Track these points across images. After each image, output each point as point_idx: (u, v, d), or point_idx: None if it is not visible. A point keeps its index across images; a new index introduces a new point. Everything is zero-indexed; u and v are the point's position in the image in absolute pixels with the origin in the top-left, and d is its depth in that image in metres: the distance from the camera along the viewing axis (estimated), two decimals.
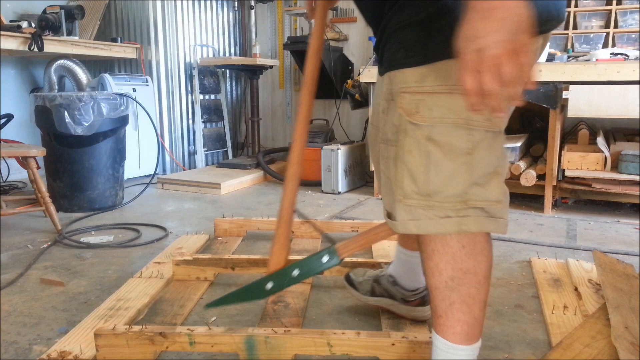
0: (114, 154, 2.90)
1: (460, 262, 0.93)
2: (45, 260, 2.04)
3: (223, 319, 1.52)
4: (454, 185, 0.88)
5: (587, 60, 2.62)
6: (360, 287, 1.51)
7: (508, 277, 1.85)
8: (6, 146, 2.51)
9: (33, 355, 1.32)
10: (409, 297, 1.42)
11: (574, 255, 2.02)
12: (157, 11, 3.78)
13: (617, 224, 2.57)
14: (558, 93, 2.58)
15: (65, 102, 2.67)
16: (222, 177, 3.49)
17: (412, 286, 1.42)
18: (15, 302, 1.64)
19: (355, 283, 1.52)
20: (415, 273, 1.39)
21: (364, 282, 1.51)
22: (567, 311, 1.51)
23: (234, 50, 4.53)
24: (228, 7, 4.43)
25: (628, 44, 2.99)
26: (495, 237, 2.32)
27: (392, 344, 1.18)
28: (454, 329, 0.97)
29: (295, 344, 1.20)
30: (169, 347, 1.22)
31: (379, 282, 1.48)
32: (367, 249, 2.14)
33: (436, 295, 0.97)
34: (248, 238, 2.32)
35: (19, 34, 3.08)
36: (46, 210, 2.40)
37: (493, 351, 1.33)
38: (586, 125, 3.04)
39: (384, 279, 1.47)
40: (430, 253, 0.95)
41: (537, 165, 2.83)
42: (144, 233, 2.40)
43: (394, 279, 1.44)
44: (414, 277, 1.40)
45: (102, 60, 3.98)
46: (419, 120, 0.87)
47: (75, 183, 2.79)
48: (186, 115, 4.07)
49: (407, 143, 0.89)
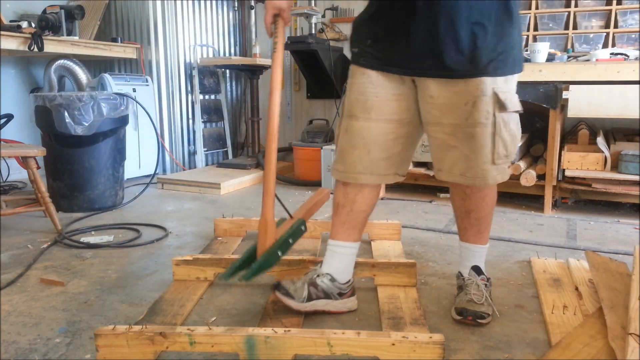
0: (114, 154, 2.90)
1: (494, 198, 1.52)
2: (45, 260, 2.04)
3: (223, 319, 1.53)
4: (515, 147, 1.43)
5: (587, 60, 2.62)
6: (296, 294, 1.48)
7: (508, 277, 1.85)
8: (6, 146, 2.51)
9: (33, 356, 1.32)
10: (345, 289, 1.53)
11: (574, 255, 2.02)
12: (157, 11, 3.78)
13: (617, 224, 2.57)
14: (558, 93, 2.58)
15: (65, 102, 2.67)
16: (222, 177, 3.49)
17: (346, 279, 1.54)
18: (15, 302, 1.64)
19: (290, 292, 1.48)
20: (349, 264, 1.56)
21: (299, 289, 1.49)
22: (566, 311, 1.51)
23: (234, 50, 4.53)
24: (228, 7, 4.43)
25: (628, 44, 2.99)
26: (496, 237, 2.32)
27: (392, 344, 1.18)
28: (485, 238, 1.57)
29: (295, 344, 1.20)
30: (169, 347, 1.22)
31: (315, 284, 1.49)
32: (368, 250, 2.15)
33: (484, 220, 1.53)
34: (248, 238, 2.32)
35: (19, 34, 3.08)
36: (46, 210, 2.40)
37: (493, 351, 1.33)
38: (586, 125, 3.04)
39: (320, 280, 1.50)
40: (486, 193, 1.48)
41: (537, 165, 2.83)
42: (144, 233, 2.40)
43: (331, 276, 1.52)
44: (348, 269, 1.56)
45: (102, 60, 3.98)
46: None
47: (75, 183, 2.79)
48: (186, 115, 4.07)
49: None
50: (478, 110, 1.35)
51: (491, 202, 1.51)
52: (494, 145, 1.37)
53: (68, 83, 3.70)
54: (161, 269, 1.93)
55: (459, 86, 1.35)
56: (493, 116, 1.35)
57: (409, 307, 1.55)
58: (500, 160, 1.39)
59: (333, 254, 1.54)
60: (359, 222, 1.54)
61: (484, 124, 1.36)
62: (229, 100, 4.51)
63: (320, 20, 3.93)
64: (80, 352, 1.33)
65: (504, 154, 1.39)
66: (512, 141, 1.41)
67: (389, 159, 1.47)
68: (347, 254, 1.54)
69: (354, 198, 1.50)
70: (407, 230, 2.43)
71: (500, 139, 1.37)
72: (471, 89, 1.35)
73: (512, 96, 1.39)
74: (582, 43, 3.09)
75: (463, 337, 1.40)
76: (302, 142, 3.69)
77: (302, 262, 1.74)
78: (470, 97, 1.35)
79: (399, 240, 2.24)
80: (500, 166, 1.40)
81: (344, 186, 1.51)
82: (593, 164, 2.61)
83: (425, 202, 3.06)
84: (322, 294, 1.49)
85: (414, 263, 1.72)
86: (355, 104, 1.45)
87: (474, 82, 1.34)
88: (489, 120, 1.35)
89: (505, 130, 1.38)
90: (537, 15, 3.22)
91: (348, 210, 1.51)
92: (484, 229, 1.55)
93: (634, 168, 2.52)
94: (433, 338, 1.18)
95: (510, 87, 1.39)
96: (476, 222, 1.53)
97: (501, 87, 1.36)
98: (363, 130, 1.43)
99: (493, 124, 1.36)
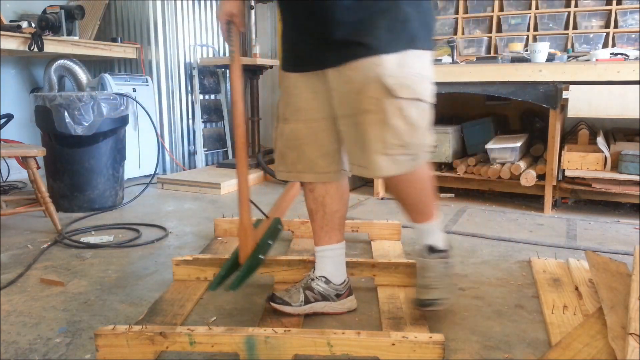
0: (114, 154, 2.90)
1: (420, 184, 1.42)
2: (45, 260, 2.04)
3: (223, 319, 1.53)
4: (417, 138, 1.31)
5: (587, 60, 2.62)
6: (292, 300, 1.48)
7: (508, 277, 1.85)
8: (6, 146, 2.51)
9: (33, 356, 1.32)
10: (341, 290, 1.53)
11: (574, 255, 2.02)
12: (157, 11, 3.78)
13: (617, 224, 2.57)
14: (558, 93, 2.58)
15: (65, 102, 2.67)
16: (222, 177, 3.49)
17: (341, 279, 1.54)
18: (15, 302, 1.64)
19: (286, 299, 1.48)
20: (341, 265, 1.56)
21: (295, 295, 1.49)
22: (566, 311, 1.51)
23: None
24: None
25: (628, 44, 2.99)
26: (496, 237, 2.32)
27: (392, 344, 1.18)
28: (429, 214, 1.49)
29: (295, 344, 1.20)
30: (169, 347, 1.22)
31: (310, 288, 1.50)
32: (368, 250, 2.15)
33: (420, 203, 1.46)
34: None
35: (19, 34, 3.08)
36: (46, 210, 2.40)
37: (493, 351, 1.33)
38: (586, 125, 3.04)
39: (315, 283, 1.51)
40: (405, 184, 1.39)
41: (537, 165, 2.83)
42: (144, 233, 2.40)
43: (326, 278, 1.52)
44: (340, 270, 1.55)
45: (102, 60, 3.98)
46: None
47: (75, 183, 2.79)
48: (186, 115, 4.07)
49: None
50: (365, 96, 1.26)
51: (418, 188, 1.42)
52: (383, 134, 1.27)
53: (68, 83, 3.70)
54: (161, 269, 1.93)
55: (348, 73, 1.28)
56: (382, 102, 1.25)
57: (409, 307, 1.55)
58: (393, 151, 1.28)
59: (321, 259, 1.54)
60: (336, 223, 1.54)
61: (371, 111, 1.26)
62: (229, 100, 4.50)
63: None
64: (80, 352, 1.33)
65: (398, 143, 1.28)
66: (410, 130, 1.28)
67: (326, 157, 1.46)
68: (334, 256, 1.54)
69: (323, 201, 1.51)
70: (407, 230, 2.42)
71: (390, 128, 1.26)
72: (358, 75, 1.26)
73: (408, 81, 1.26)
74: (582, 43, 3.09)
75: (463, 337, 1.40)
76: None
77: (303, 262, 1.74)
78: (357, 83, 1.27)
79: (399, 240, 2.24)
80: (395, 157, 1.29)
81: (311, 192, 1.52)
82: (593, 164, 2.61)
83: None
84: (319, 296, 1.49)
85: (414, 263, 1.72)
86: (285, 108, 1.48)
87: (360, 66, 1.25)
88: (378, 107, 1.25)
89: (399, 118, 1.26)
90: (537, 15, 3.22)
91: (321, 214, 1.52)
92: (423, 209, 1.47)
93: (634, 168, 2.52)
94: (433, 338, 1.17)
95: (406, 71, 1.26)
96: (412, 207, 1.48)
97: (391, 70, 1.24)
98: (295, 132, 1.45)
99: (383, 111, 1.25)
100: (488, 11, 3.36)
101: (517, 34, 3.27)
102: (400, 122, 1.26)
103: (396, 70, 1.25)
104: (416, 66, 1.28)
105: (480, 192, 3.17)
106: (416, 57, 1.28)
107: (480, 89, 2.79)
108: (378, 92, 1.25)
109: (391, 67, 1.24)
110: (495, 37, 3.34)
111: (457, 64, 2.88)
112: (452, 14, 3.46)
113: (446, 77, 2.82)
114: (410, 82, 1.26)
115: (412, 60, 1.27)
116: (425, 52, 1.31)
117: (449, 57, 3.04)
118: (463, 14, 3.43)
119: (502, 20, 3.30)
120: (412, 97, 1.27)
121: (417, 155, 1.33)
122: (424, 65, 1.31)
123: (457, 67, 2.83)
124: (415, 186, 1.41)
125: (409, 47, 1.27)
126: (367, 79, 1.25)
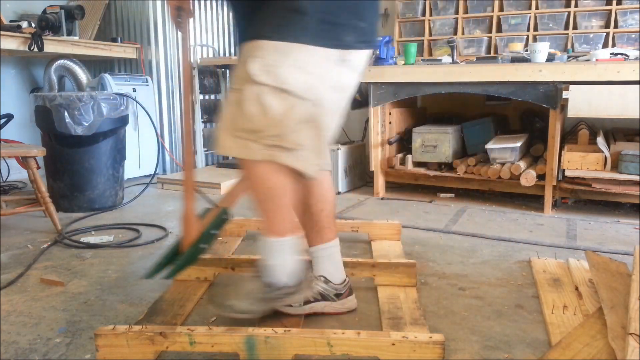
0: (114, 154, 2.90)
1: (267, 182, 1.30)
2: (45, 260, 2.04)
3: (223, 319, 1.52)
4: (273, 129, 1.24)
5: (587, 60, 2.62)
6: (292, 301, 1.47)
7: (508, 277, 1.85)
8: (6, 146, 2.51)
9: (33, 356, 1.32)
10: (341, 289, 1.53)
11: (574, 255, 2.02)
12: (157, 11, 3.78)
13: (617, 224, 2.57)
14: (558, 93, 2.58)
15: (65, 102, 2.68)
16: (222, 177, 3.49)
17: (339, 279, 1.53)
18: (15, 302, 1.64)
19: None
20: (337, 264, 1.54)
21: None
22: (566, 311, 1.51)
23: (234, 50, 4.53)
24: (228, 7, 4.43)
25: (628, 44, 2.99)
26: (496, 237, 2.32)
27: (392, 344, 1.18)
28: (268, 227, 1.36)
29: (295, 344, 1.20)
30: (169, 347, 1.22)
31: (310, 288, 1.49)
32: (368, 250, 2.15)
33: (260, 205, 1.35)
34: (248, 238, 2.32)
35: (19, 34, 3.08)
36: (46, 210, 2.40)
37: (493, 351, 1.33)
38: (586, 125, 3.04)
39: (315, 283, 1.50)
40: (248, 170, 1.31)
41: (537, 165, 2.83)
42: (144, 233, 2.40)
43: (325, 278, 1.51)
44: (338, 269, 1.54)
45: (102, 60, 3.98)
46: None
47: (75, 183, 2.79)
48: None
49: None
50: (236, 75, 1.30)
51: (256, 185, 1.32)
52: (236, 114, 1.26)
53: (68, 83, 3.70)
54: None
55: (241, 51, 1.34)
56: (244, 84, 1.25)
57: (409, 307, 1.55)
58: (241, 133, 1.25)
59: (317, 259, 1.53)
60: (325, 222, 1.52)
61: (234, 90, 1.28)
62: None
63: None
64: (80, 352, 1.33)
65: (250, 128, 1.24)
66: (264, 119, 1.23)
67: None
68: (329, 255, 1.53)
69: (307, 202, 1.51)
70: (407, 230, 2.43)
71: (243, 110, 1.24)
72: (241, 56, 1.32)
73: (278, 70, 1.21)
74: (582, 43, 3.09)
75: (463, 337, 1.40)
76: None
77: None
78: (238, 62, 1.33)
79: (399, 240, 2.24)
80: (242, 140, 1.25)
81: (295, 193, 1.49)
82: (593, 164, 2.61)
83: (425, 202, 3.06)
84: (319, 296, 1.49)
85: (414, 263, 1.72)
86: None
87: (244, 47, 1.29)
88: (239, 87, 1.26)
89: (255, 103, 1.22)
90: (537, 15, 3.22)
91: (308, 215, 1.52)
92: (263, 215, 1.37)
93: (634, 168, 2.52)
94: (433, 338, 1.17)
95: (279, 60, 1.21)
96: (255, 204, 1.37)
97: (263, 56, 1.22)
98: None
99: (241, 92, 1.25)
100: (488, 11, 3.36)
101: (517, 34, 3.27)
102: (255, 108, 1.23)
103: (268, 57, 1.21)
104: (299, 59, 1.23)
105: (480, 192, 3.17)
106: (302, 51, 1.23)
107: (480, 89, 2.79)
108: (244, 74, 1.24)
109: (264, 53, 1.22)
110: (495, 37, 3.34)
111: (457, 64, 2.88)
112: (452, 14, 3.46)
113: (446, 77, 2.83)
114: (280, 72, 1.22)
115: (295, 53, 1.23)
116: (318, 48, 1.24)
117: (449, 57, 3.04)
118: (463, 14, 3.43)
119: (502, 20, 3.30)
120: (275, 85, 1.22)
121: (275, 147, 1.25)
122: (310, 61, 1.24)
123: (457, 67, 2.83)
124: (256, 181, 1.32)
125: (297, 40, 1.22)
126: (243, 60, 1.27)
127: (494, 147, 2.87)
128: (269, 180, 1.30)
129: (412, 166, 3.14)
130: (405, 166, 3.13)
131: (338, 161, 3.27)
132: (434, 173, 3.06)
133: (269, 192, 1.32)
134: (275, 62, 1.21)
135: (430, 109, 3.69)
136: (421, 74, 2.90)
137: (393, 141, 3.19)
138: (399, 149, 3.34)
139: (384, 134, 3.20)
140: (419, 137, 3.06)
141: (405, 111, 3.38)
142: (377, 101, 3.07)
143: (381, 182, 3.24)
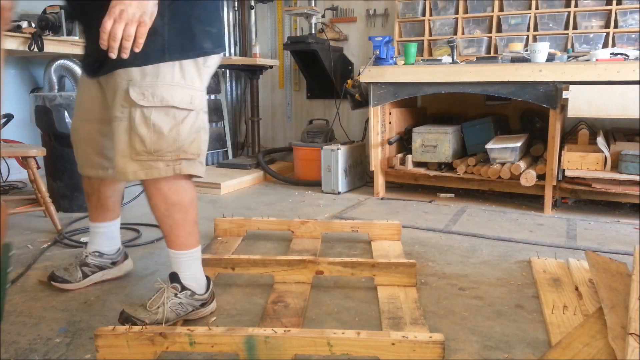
0: None
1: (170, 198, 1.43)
2: (45, 260, 2.04)
3: (223, 319, 1.53)
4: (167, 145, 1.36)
5: (587, 60, 2.62)
6: (71, 277, 1.71)
7: (508, 277, 1.85)
8: (6, 146, 2.51)
9: (33, 356, 1.32)
10: (116, 258, 1.79)
11: (574, 255, 2.02)
12: None
13: (617, 224, 2.57)
14: (558, 93, 2.58)
15: (65, 102, 2.67)
16: (222, 177, 3.49)
17: (114, 249, 1.79)
18: (15, 302, 1.64)
19: (66, 277, 1.71)
20: (112, 238, 1.77)
21: (73, 272, 1.72)
22: (566, 311, 1.51)
23: (234, 50, 4.53)
24: (228, 7, 4.43)
25: (628, 44, 2.99)
26: (496, 237, 2.32)
27: (392, 344, 1.18)
28: (176, 243, 1.47)
29: (295, 344, 1.20)
30: (169, 348, 1.22)
31: (86, 264, 1.74)
32: (368, 250, 2.14)
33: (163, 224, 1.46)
34: (248, 238, 2.32)
35: (19, 34, 3.08)
36: (46, 210, 2.40)
37: (493, 351, 1.33)
38: (586, 125, 3.04)
39: (89, 259, 1.74)
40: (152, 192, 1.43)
41: (537, 165, 2.83)
42: (144, 233, 2.40)
43: (99, 252, 1.75)
44: (113, 242, 1.78)
45: None
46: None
47: (75, 183, 2.79)
48: None
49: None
50: (114, 104, 1.36)
51: (161, 204, 1.44)
52: (130, 140, 1.35)
53: (68, 83, 3.69)
54: (161, 269, 1.93)
55: (110, 82, 1.38)
56: (128, 110, 1.34)
57: (409, 307, 1.55)
58: (141, 157, 1.36)
59: (95, 234, 1.74)
60: (109, 206, 1.73)
61: (119, 118, 1.36)
62: (229, 100, 4.51)
63: (320, 20, 3.92)
64: (80, 352, 1.33)
65: (144, 150, 1.35)
66: (155, 138, 1.34)
67: (100, 155, 1.60)
68: (106, 232, 1.75)
69: (99, 188, 1.68)
70: (407, 230, 2.43)
71: (136, 135, 1.34)
72: (112, 83, 1.37)
73: (156, 90, 1.33)
74: (582, 43, 3.09)
75: (463, 337, 1.40)
76: (302, 142, 3.69)
77: (302, 262, 1.74)
78: (111, 91, 1.38)
79: (399, 240, 2.24)
80: (146, 162, 1.36)
81: (88, 178, 1.68)
82: (593, 164, 2.61)
83: (425, 202, 3.06)
84: (96, 268, 1.74)
85: (414, 263, 1.73)
86: (76, 106, 1.64)
87: (114, 75, 1.35)
88: (124, 114, 1.34)
89: (144, 125, 1.33)
90: (537, 15, 3.22)
91: (96, 197, 1.70)
92: (168, 232, 1.47)
93: (634, 168, 2.52)
94: (433, 338, 1.18)
95: (152, 81, 1.33)
96: (159, 222, 1.48)
97: (136, 81, 1.32)
98: (75, 129, 1.64)
99: (129, 119, 1.34)
100: (488, 11, 3.36)
101: (517, 34, 3.27)
102: (145, 130, 1.34)
103: (141, 81, 1.32)
104: (167, 76, 1.34)
105: (480, 192, 3.17)
106: (168, 68, 1.34)
107: (480, 89, 2.79)
108: (125, 101, 1.34)
109: (136, 78, 1.32)
110: (495, 37, 3.34)
111: (457, 64, 2.88)
112: (452, 14, 3.46)
113: (446, 77, 2.83)
114: (159, 92, 1.33)
115: (164, 71, 1.34)
116: (182, 62, 1.35)
117: (449, 57, 3.04)
118: (463, 14, 3.43)
119: (502, 20, 3.30)
120: (159, 105, 1.33)
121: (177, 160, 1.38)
122: (179, 75, 1.36)
123: (457, 67, 2.83)
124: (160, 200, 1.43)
125: (159, 60, 1.33)
126: (118, 88, 1.35)
127: (494, 147, 2.87)
128: (175, 195, 1.43)
129: (412, 166, 3.14)
130: (405, 166, 3.13)
131: (338, 161, 3.27)
132: (434, 173, 3.06)
133: (176, 207, 1.44)
134: (151, 84, 1.33)
135: (430, 109, 3.70)
136: (421, 74, 2.90)
137: (393, 141, 3.19)
138: (399, 149, 3.34)
139: (384, 134, 3.20)
140: (419, 137, 3.07)
141: (405, 111, 3.38)
142: (377, 101, 3.07)
143: (381, 182, 3.24)
